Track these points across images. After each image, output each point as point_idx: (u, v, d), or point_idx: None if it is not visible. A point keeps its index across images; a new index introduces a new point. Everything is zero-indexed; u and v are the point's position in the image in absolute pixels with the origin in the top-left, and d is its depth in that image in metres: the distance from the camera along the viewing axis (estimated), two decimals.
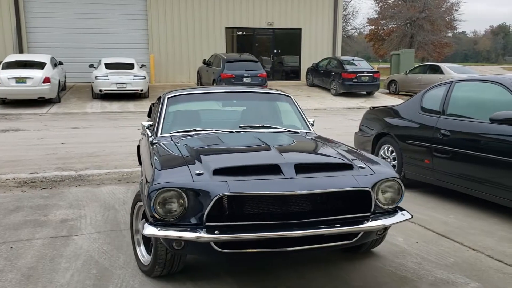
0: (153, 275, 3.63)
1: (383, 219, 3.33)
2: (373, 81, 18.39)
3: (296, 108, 5.02)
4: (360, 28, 57.13)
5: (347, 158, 3.57)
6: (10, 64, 15.15)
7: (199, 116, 4.89)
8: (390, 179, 3.39)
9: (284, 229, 3.07)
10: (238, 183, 3.11)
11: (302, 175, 3.21)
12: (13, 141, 10.08)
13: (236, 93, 5.34)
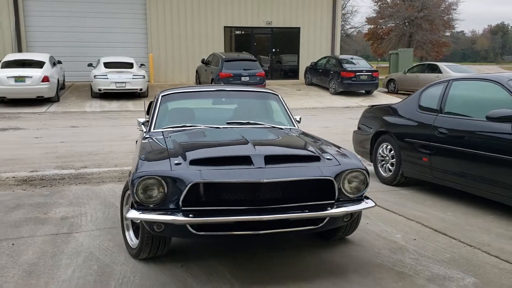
0: (140, 258, 3.94)
1: (346, 207, 3.63)
2: (372, 80, 18.43)
3: (283, 106, 5.32)
4: (359, 27, 57.19)
5: (317, 151, 3.88)
6: (9, 63, 15.17)
7: (190, 113, 5.23)
8: (355, 169, 3.68)
9: (253, 214, 3.40)
10: (210, 171, 3.45)
11: (270, 165, 3.54)
12: (13, 139, 10.10)
13: (226, 91, 5.73)
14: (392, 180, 6.50)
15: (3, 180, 6.93)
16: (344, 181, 3.64)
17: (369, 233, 4.63)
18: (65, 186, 6.63)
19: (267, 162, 3.55)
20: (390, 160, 6.55)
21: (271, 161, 3.58)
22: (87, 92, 17.18)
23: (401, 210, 5.38)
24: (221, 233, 3.49)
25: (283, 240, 4.42)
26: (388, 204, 5.61)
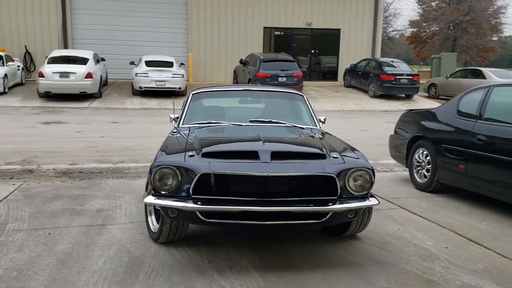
0: (159, 241, 4.25)
1: (348, 203, 3.76)
2: (412, 84, 18.07)
3: (307, 106, 5.49)
4: (401, 30, 56.15)
5: (326, 150, 4.03)
6: (55, 59, 15.72)
7: (216, 111, 5.51)
8: (360, 168, 3.82)
9: (258, 205, 3.61)
10: (219, 164, 3.72)
11: (276, 161, 3.76)
12: (55, 133, 10.47)
13: (252, 91, 6.13)
14: (427, 186, 6.37)
15: (43, 171, 7.21)
16: (349, 179, 3.78)
17: (399, 239, 4.56)
18: (102, 180, 6.82)
19: (273, 157, 3.77)
20: (426, 166, 6.42)
21: (278, 157, 3.81)
22: (128, 90, 17.58)
23: (435, 217, 5.26)
24: (228, 221, 3.71)
25: (305, 240, 4.41)
26: (421, 211, 5.49)
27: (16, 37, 19.69)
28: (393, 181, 7.05)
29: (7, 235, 4.46)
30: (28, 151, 8.48)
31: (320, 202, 3.73)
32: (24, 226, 4.72)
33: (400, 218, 5.21)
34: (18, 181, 6.59)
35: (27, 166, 7.44)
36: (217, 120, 5.09)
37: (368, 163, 3.94)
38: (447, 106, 6.38)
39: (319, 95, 18.57)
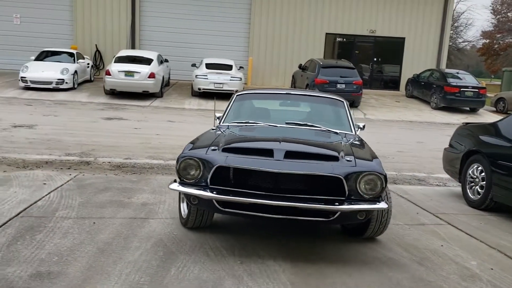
0: (187, 226, 4.64)
1: (355, 205, 3.88)
2: (478, 97, 17.26)
3: (346, 112, 5.65)
4: (473, 41, 53.89)
5: (342, 153, 4.20)
6: (121, 58, 16.40)
7: (256, 112, 5.79)
8: (371, 172, 3.95)
9: (267, 199, 3.86)
10: (234, 158, 4.04)
11: (288, 159, 3.99)
12: (115, 128, 10.92)
13: (293, 95, 6.29)
14: (480, 204, 6.06)
15: (99, 164, 7.54)
16: (360, 181, 3.93)
17: (441, 256, 4.37)
18: (152, 175, 7.04)
19: (286, 156, 4.02)
20: (480, 183, 6.11)
21: (291, 156, 4.04)
22: (188, 91, 18.00)
23: (484, 236, 5.00)
24: (241, 211, 3.98)
25: (338, 251, 4.33)
26: (470, 229, 5.24)
27: (88, 36, 20.73)
28: (445, 196, 6.78)
29: (56, 221, 4.70)
30: (88, 144, 8.91)
31: (327, 201, 3.90)
32: (72, 214, 4.96)
33: (446, 235, 4.99)
34: (75, 171, 6.93)
35: (85, 158, 7.82)
36: (255, 120, 5.37)
37: (380, 169, 4.04)
38: (508, 120, 6.05)
39: (378, 104, 18.17)
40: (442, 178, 7.87)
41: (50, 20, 20.41)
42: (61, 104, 14.06)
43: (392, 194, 6.65)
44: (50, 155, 7.84)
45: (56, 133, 9.73)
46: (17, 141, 8.76)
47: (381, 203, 3.96)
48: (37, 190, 5.77)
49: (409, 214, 5.73)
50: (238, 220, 5.02)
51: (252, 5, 21.06)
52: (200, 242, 4.38)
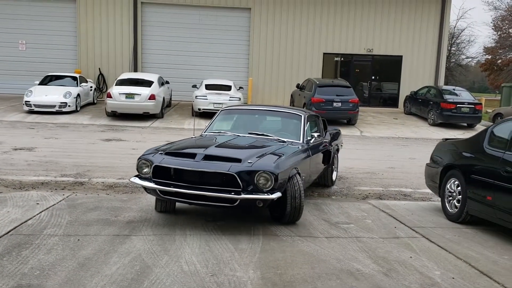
0: (156, 210, 6.16)
1: (249, 195, 5.16)
2: (474, 113, 17.42)
3: (301, 125, 6.85)
4: (476, 57, 54.12)
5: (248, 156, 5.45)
6: (123, 81, 16.84)
7: (230, 123, 7.18)
8: (263, 171, 5.19)
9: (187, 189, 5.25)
10: (167, 160, 5.47)
11: (204, 161, 5.35)
12: (113, 149, 11.22)
13: (261, 110, 7.68)
14: (457, 217, 6.23)
15: (93, 184, 7.81)
16: (256, 178, 5.19)
17: (407, 267, 4.55)
18: (143, 194, 7.25)
19: (204, 158, 5.37)
20: (457, 197, 6.29)
21: (208, 158, 5.39)
22: (189, 111, 18.36)
23: (454, 248, 5.17)
24: (174, 198, 5.47)
25: (315, 268, 4.52)
26: (443, 241, 5.41)
27: (92, 60, 21.27)
28: (426, 211, 6.95)
29: (42, 238, 4.95)
30: (84, 165, 9.20)
31: (226, 191, 5.19)
32: (59, 232, 5.22)
33: (417, 247, 5.17)
34: (68, 192, 7.20)
35: (79, 179, 8.10)
36: (226, 130, 6.88)
37: (271, 168, 5.23)
38: (479, 135, 6.26)
39: (376, 121, 18.38)
40: (427, 193, 8.04)
41: (54, 46, 21.02)
42: (63, 127, 14.43)
43: (375, 209, 6.87)
44: (46, 176, 8.14)
45: (55, 155, 10.04)
46: (16, 163, 9.07)
47: (274, 194, 5.17)
48: (29, 209, 6.04)
49: (386, 228, 5.91)
50: (218, 235, 5.25)
51: (251, 28, 21.54)
52: (177, 256, 4.60)
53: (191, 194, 5.28)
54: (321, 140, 7.34)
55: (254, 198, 5.19)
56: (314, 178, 7.18)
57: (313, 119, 7.58)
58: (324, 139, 7.67)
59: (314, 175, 7.03)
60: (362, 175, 9.48)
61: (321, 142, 7.33)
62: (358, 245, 5.17)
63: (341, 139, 9.05)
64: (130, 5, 21.01)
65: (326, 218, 6.27)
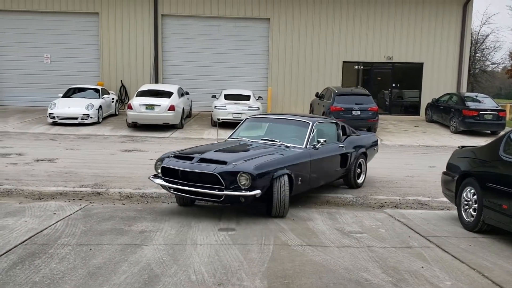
0: (178, 204, 7.20)
1: (230, 191, 6.12)
2: (497, 120, 17.07)
3: (307, 132, 7.59)
4: (502, 63, 53.10)
5: (235, 159, 6.44)
6: (143, 92, 17.11)
7: (250, 130, 8.24)
8: (243, 172, 6.13)
9: (186, 186, 6.36)
10: (172, 161, 6.64)
11: (198, 163, 6.40)
12: (131, 160, 11.38)
13: (276, 118, 8.53)
14: (474, 226, 6.11)
15: (110, 194, 7.93)
16: (239, 177, 6.12)
17: (418, 277, 4.48)
18: (158, 204, 7.37)
19: (199, 161, 6.43)
20: (473, 205, 6.17)
21: (203, 161, 6.44)
22: (209, 121, 18.50)
23: (468, 257, 5.07)
24: (178, 193, 6.61)
25: (318, 273, 4.49)
26: (457, 250, 5.31)
27: (114, 72, 21.69)
28: (443, 220, 6.83)
29: (56, 248, 5.05)
30: (103, 175, 9.35)
31: (212, 188, 6.19)
32: (73, 241, 5.31)
33: (430, 257, 5.08)
34: (86, 202, 7.33)
35: (97, 189, 8.23)
36: (244, 136, 7.96)
37: (250, 170, 6.14)
38: (495, 142, 6.14)
39: (396, 130, 18.18)
40: (445, 201, 7.89)
41: (78, 59, 21.51)
42: (85, 138, 14.72)
43: (390, 218, 6.79)
44: (65, 187, 8.31)
45: (75, 165, 10.24)
46: (37, 174, 9.29)
47: (253, 192, 6.08)
48: (46, 219, 6.18)
49: (400, 238, 5.83)
50: (229, 244, 5.26)
51: (270, 37, 21.65)
52: (186, 265, 4.63)
53: (188, 190, 6.36)
54: (332, 145, 8.04)
55: (236, 195, 6.13)
56: (322, 180, 7.92)
57: (327, 126, 8.41)
58: (340, 144, 8.33)
59: (321, 176, 7.78)
60: (379, 183, 9.38)
61: (332, 148, 8.02)
62: (369, 254, 5.12)
63: (374, 144, 9.67)
64: (151, 18, 21.38)
65: (339, 227, 6.23)
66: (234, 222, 6.30)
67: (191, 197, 6.57)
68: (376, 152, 9.92)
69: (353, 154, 8.56)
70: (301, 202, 7.69)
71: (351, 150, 8.52)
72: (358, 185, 8.82)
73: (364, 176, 9.08)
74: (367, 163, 9.26)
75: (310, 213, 6.93)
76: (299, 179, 6.91)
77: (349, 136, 8.75)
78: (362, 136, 9.47)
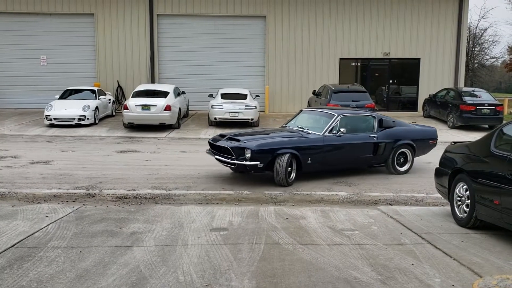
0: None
1: (238, 161, 8.48)
2: (495, 114, 17.04)
3: (329, 122, 9.36)
4: (501, 57, 52.98)
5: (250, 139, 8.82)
6: (139, 93, 17.07)
7: (296, 120, 10.26)
8: (246, 148, 8.44)
9: (220, 157, 8.86)
10: (214, 137, 9.50)
11: (226, 140, 8.91)
12: (126, 161, 11.35)
13: (315, 110, 10.54)
14: (467, 222, 6.09)
15: (103, 196, 7.92)
16: (245, 151, 8.39)
17: (407, 275, 4.46)
18: (151, 205, 7.35)
19: (228, 139, 8.96)
20: (465, 201, 6.15)
21: (230, 139, 8.92)
22: (206, 121, 18.46)
23: (459, 254, 5.05)
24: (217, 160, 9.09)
25: (307, 272, 4.47)
26: (448, 247, 5.29)
27: (111, 73, 21.67)
28: (437, 216, 6.81)
29: (46, 251, 5.04)
30: (97, 177, 9.34)
31: (230, 158, 8.59)
32: (63, 244, 5.30)
33: (421, 254, 5.06)
34: (79, 204, 7.31)
35: (90, 191, 8.22)
36: (291, 124, 10.06)
37: (251, 146, 8.41)
38: (485, 138, 6.11)
39: None
40: (439, 198, 7.87)
41: (74, 60, 21.48)
42: (81, 139, 14.70)
43: (383, 215, 6.77)
44: (59, 189, 8.29)
45: (69, 167, 10.23)
46: (31, 177, 9.27)
47: (253, 162, 8.31)
48: (38, 222, 6.16)
49: (391, 235, 5.81)
50: (220, 245, 5.25)
51: (266, 35, 21.60)
52: (175, 267, 4.62)
53: (219, 159, 8.87)
54: (359, 135, 9.59)
55: (243, 164, 8.42)
56: (346, 163, 9.63)
57: (359, 119, 9.97)
58: (371, 135, 9.70)
59: (341, 160, 9.42)
60: (374, 180, 9.36)
61: (358, 137, 9.56)
62: (360, 252, 5.10)
63: (427, 138, 10.59)
64: (147, 18, 21.35)
65: (331, 225, 6.21)
66: (227, 222, 6.29)
67: (222, 164, 8.89)
68: (432, 146, 10.78)
69: (389, 145, 9.75)
70: (294, 200, 7.68)
71: (386, 140, 9.74)
72: (399, 172, 9.97)
73: (410, 165, 10.16)
74: (416, 155, 10.28)
75: (303, 211, 6.92)
76: (308, 159, 8.81)
77: (386, 129, 9.90)
78: (408, 129, 10.49)
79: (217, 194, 8.10)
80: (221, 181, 9.10)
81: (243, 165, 8.42)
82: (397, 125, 10.28)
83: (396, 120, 10.53)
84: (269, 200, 7.73)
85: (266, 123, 18.03)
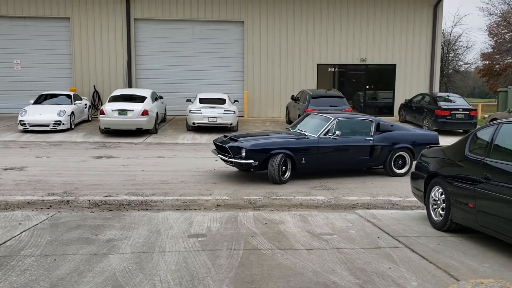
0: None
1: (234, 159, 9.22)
2: (469, 119, 17.37)
3: (325, 125, 9.83)
4: (474, 63, 54.20)
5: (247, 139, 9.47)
6: (116, 97, 16.87)
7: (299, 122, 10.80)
8: (242, 148, 9.11)
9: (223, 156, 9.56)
10: (218, 138, 10.18)
11: (227, 140, 9.61)
12: (103, 167, 11.19)
13: (315, 114, 10.79)
14: (442, 225, 6.17)
15: (79, 203, 7.78)
16: (241, 150, 9.06)
17: (385, 278, 4.49)
18: (127, 211, 7.24)
19: (229, 140, 9.57)
20: (441, 205, 6.23)
21: (230, 139, 9.53)
22: (184, 126, 18.34)
23: (435, 257, 5.11)
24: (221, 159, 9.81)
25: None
26: (425, 250, 5.35)
27: (87, 77, 21.39)
28: (413, 220, 6.88)
29: (18, 260, 4.91)
30: (73, 183, 9.17)
31: (229, 157, 9.25)
32: (37, 252, 5.18)
33: (398, 257, 5.10)
34: (54, 211, 7.17)
35: (66, 197, 8.06)
36: (291, 127, 10.75)
37: (246, 146, 9.08)
38: (460, 142, 6.21)
39: None
40: (416, 201, 7.97)
41: (49, 64, 21.17)
42: (56, 145, 14.44)
43: (360, 219, 6.81)
44: (33, 196, 8.11)
45: (44, 174, 10.03)
46: (4, 183, 9.05)
47: (247, 160, 8.99)
48: (10, 230, 6.01)
49: (369, 239, 5.85)
50: (198, 251, 5.20)
51: (244, 40, 21.64)
52: (152, 274, 4.55)
53: (221, 158, 9.56)
54: (355, 138, 9.96)
55: (238, 162, 9.11)
56: (341, 164, 9.98)
57: (356, 122, 10.34)
58: (367, 138, 10.04)
59: (336, 160, 9.83)
60: (352, 184, 9.43)
61: (354, 139, 9.93)
62: (338, 256, 5.12)
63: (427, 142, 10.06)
64: (123, 22, 21.17)
65: (310, 229, 6.22)
66: (205, 228, 6.24)
67: (224, 162, 9.58)
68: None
69: (386, 148, 10.11)
70: (273, 205, 7.67)
71: (383, 143, 10.09)
72: (396, 174, 10.29)
73: (408, 168, 10.33)
74: (415, 158, 10.16)
75: (282, 216, 6.91)
76: (302, 159, 9.34)
77: (384, 132, 10.22)
78: (407, 133, 10.77)
79: (195, 199, 8.04)
80: (200, 186, 9.03)
81: (239, 163, 9.09)
82: (396, 129, 10.57)
83: (395, 125, 10.81)
84: (248, 206, 7.71)
85: (245, 128, 18.01)
